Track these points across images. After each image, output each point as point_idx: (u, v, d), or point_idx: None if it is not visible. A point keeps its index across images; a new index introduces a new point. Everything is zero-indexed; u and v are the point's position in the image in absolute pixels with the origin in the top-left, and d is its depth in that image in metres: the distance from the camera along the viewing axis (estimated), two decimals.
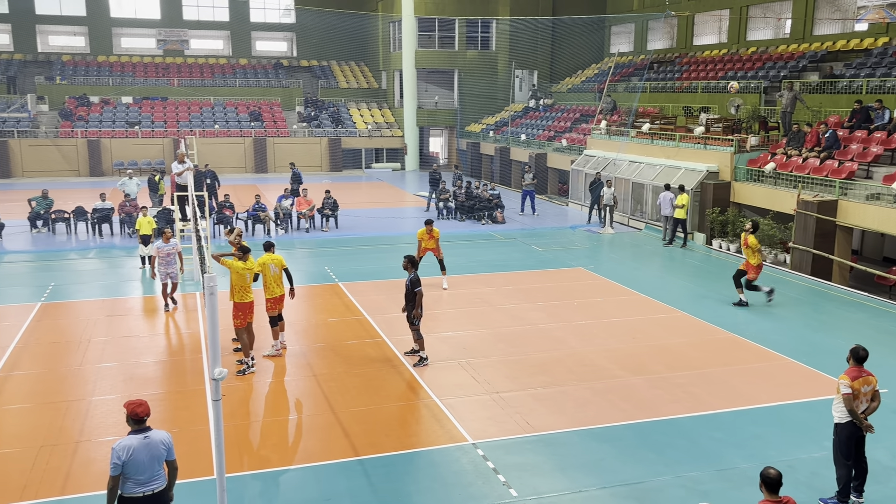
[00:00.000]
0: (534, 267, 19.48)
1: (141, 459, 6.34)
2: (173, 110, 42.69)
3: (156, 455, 6.45)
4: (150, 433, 6.48)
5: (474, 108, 44.85)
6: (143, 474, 6.37)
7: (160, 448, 6.48)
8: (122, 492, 6.38)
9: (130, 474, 6.34)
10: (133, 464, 6.31)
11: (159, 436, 6.53)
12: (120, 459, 6.27)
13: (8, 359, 12.33)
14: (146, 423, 6.51)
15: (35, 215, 23.28)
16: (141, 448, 6.36)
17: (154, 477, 6.46)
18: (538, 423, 10.07)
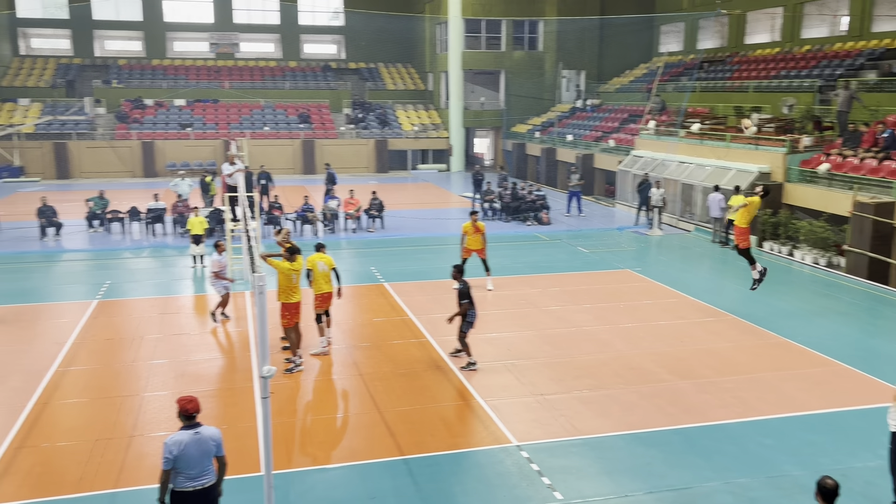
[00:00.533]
0: (579, 268, 19.33)
1: (191, 454, 6.48)
2: (224, 112, 43.49)
3: (206, 450, 6.57)
4: (200, 429, 6.62)
5: (520, 108, 44.70)
6: (194, 469, 6.50)
7: (210, 444, 6.61)
8: (174, 486, 6.52)
9: (181, 469, 6.47)
10: (184, 458, 6.45)
11: (209, 432, 6.67)
12: (171, 454, 6.42)
13: (66, 355, 12.71)
14: (196, 419, 6.65)
15: (92, 215, 23.95)
16: (192, 443, 6.50)
17: (204, 472, 6.58)
18: (583, 427, 10.00)
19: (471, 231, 16.70)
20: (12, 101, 41.70)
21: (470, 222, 16.74)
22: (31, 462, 8.99)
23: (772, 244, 21.38)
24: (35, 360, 12.38)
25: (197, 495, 6.55)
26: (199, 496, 6.56)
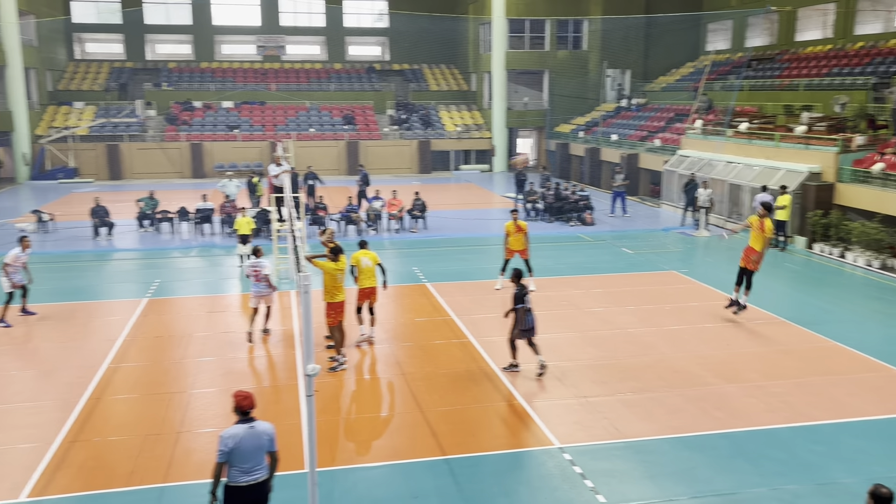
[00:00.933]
0: (624, 270, 19.15)
1: (246, 448, 6.57)
2: (271, 114, 44.12)
3: (260, 445, 6.67)
4: (255, 423, 6.70)
5: (564, 108, 44.45)
6: (247, 463, 6.60)
7: (264, 438, 6.70)
8: (227, 480, 6.61)
9: (235, 462, 6.57)
10: (239, 452, 6.55)
11: (263, 426, 6.76)
12: (227, 447, 6.52)
13: (117, 352, 13.04)
14: (251, 414, 6.73)
15: (142, 215, 24.52)
16: (247, 437, 6.59)
17: (257, 466, 6.67)
18: (627, 430, 9.91)
19: (513, 230, 16.66)
20: (68, 104, 42.93)
21: (511, 221, 16.71)
22: (84, 456, 9.25)
23: (822, 246, 20.89)
24: (88, 357, 12.72)
25: (249, 490, 6.64)
26: (251, 491, 6.65)
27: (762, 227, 14.24)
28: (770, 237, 14.18)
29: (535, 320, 11.74)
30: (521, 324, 11.62)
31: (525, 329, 11.66)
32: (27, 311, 15.06)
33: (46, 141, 38.99)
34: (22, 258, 14.78)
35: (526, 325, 11.64)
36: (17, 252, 14.73)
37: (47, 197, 32.70)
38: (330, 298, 12.13)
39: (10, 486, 8.49)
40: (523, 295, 11.62)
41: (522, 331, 11.67)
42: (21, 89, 38.27)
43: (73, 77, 46.07)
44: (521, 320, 11.61)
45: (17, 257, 14.68)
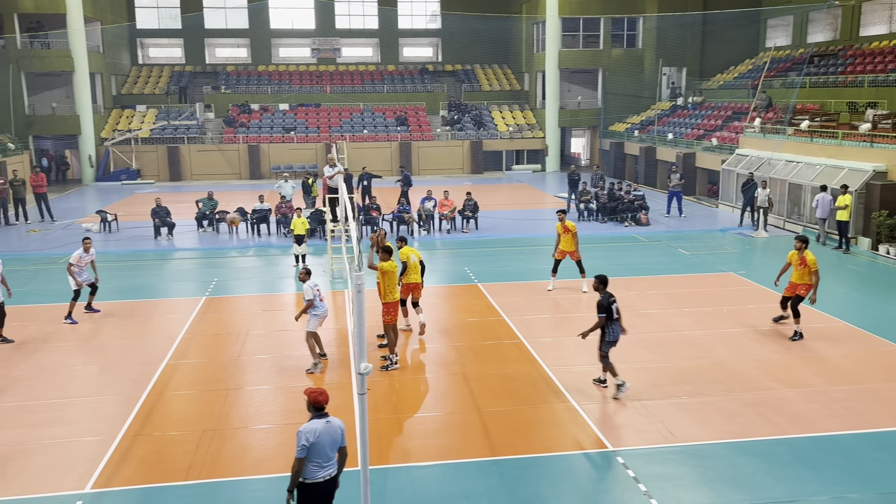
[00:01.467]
0: (680, 271, 18.84)
1: (324, 443, 6.68)
2: (326, 116, 44.70)
3: (335, 439, 6.79)
4: (330, 419, 6.82)
5: (618, 107, 43.94)
6: (323, 458, 6.70)
7: (338, 432, 6.82)
8: (304, 477, 6.68)
9: (313, 457, 6.66)
10: (317, 447, 6.65)
11: (337, 422, 6.88)
12: (308, 441, 6.61)
13: (177, 348, 13.39)
14: (325, 410, 6.83)
15: (201, 215, 25.10)
16: (324, 432, 6.70)
17: (331, 461, 6.78)
18: (682, 434, 9.75)
19: (561, 232, 16.58)
20: (131, 107, 44.22)
21: (559, 223, 16.64)
22: (146, 449, 9.52)
23: (888, 247, 20.20)
24: (149, 353, 13.09)
25: (326, 485, 6.73)
26: (327, 486, 6.75)
27: (803, 261, 13.41)
28: (815, 269, 13.30)
29: (619, 333, 11.00)
30: (608, 334, 10.89)
31: (612, 341, 10.94)
32: (91, 309, 15.58)
33: (110, 143, 40.23)
34: (85, 258, 15.26)
35: (612, 337, 10.93)
36: (80, 253, 15.24)
37: (111, 198, 33.74)
38: (389, 298, 12.26)
39: (77, 477, 8.80)
40: (610, 303, 10.90)
41: (610, 342, 10.93)
42: (87, 94, 39.56)
43: (136, 81, 47.45)
44: (608, 331, 10.89)
45: (81, 257, 15.18)
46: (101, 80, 42.49)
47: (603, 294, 10.94)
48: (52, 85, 41.43)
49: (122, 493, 8.48)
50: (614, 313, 10.90)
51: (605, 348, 10.97)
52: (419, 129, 43.71)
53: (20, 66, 38.92)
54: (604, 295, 10.92)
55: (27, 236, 24.61)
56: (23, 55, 39.01)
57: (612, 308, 10.88)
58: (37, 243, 23.33)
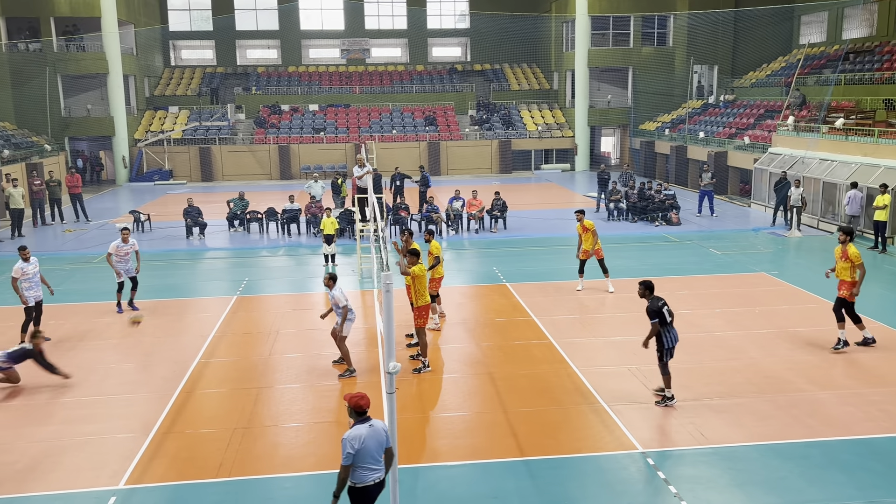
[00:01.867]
0: (711, 271, 18.63)
1: (370, 447, 6.63)
2: (355, 116, 44.92)
3: (380, 441, 6.73)
4: (373, 422, 6.75)
5: (649, 105, 43.57)
6: (371, 461, 6.65)
7: (383, 435, 6.77)
8: (353, 481, 6.65)
9: (360, 462, 6.61)
10: (364, 452, 6.60)
11: (380, 424, 6.81)
12: (353, 448, 6.55)
13: (208, 347, 13.54)
14: (367, 414, 6.76)
15: (233, 215, 25.36)
16: (369, 436, 6.64)
17: (379, 464, 6.74)
18: (713, 435, 9.64)
19: (581, 231, 16.45)
20: (163, 108, 44.84)
21: (578, 223, 16.53)
22: (178, 447, 9.65)
23: None
24: (181, 351, 13.26)
25: (374, 489, 6.69)
26: (376, 490, 6.71)
27: (845, 255, 12.58)
28: (859, 262, 12.48)
29: (675, 340, 10.44)
30: (665, 340, 10.34)
31: (669, 347, 10.38)
32: (133, 305, 15.87)
33: (143, 144, 40.83)
34: (123, 248, 15.53)
35: (669, 343, 10.37)
36: (118, 243, 15.53)
37: (144, 198, 34.24)
38: (422, 301, 12.16)
39: (111, 473, 8.94)
40: (660, 307, 10.31)
41: (668, 349, 10.38)
42: (121, 96, 40.20)
43: (169, 83, 48.09)
44: (665, 337, 10.34)
45: (119, 247, 15.47)
46: (134, 82, 43.14)
47: (651, 299, 10.39)
48: (87, 87, 42.19)
49: (154, 490, 8.60)
50: (667, 317, 10.32)
51: (665, 357, 10.43)
52: (448, 128, 43.73)
53: (56, 68, 39.66)
54: (652, 300, 10.37)
55: (63, 236, 25.07)
56: (59, 58, 39.76)
57: (664, 312, 10.29)
58: (72, 243, 23.76)
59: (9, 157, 32.19)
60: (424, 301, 12.22)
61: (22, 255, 13.66)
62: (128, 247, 15.60)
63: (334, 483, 6.75)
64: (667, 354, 10.41)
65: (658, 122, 42.22)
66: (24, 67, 39.14)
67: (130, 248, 15.69)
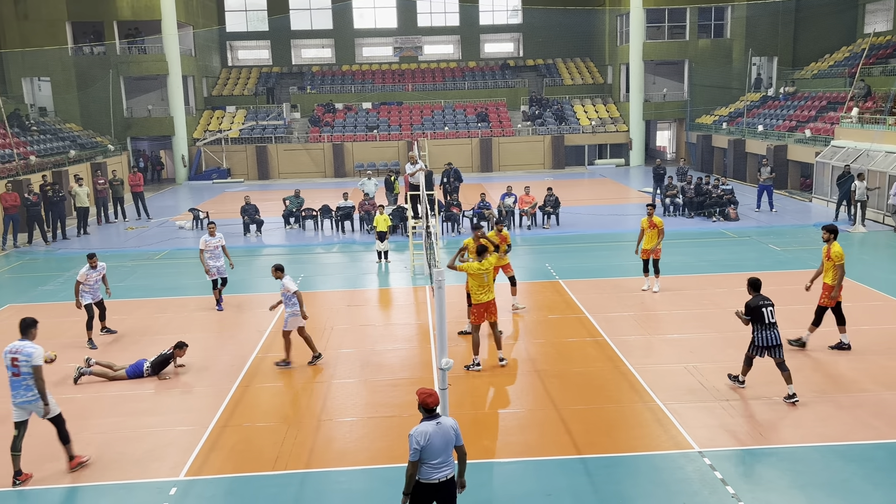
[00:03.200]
0: (770, 268, 18.18)
1: (436, 444, 6.61)
2: (407, 114, 45.15)
3: (448, 439, 6.69)
4: (441, 420, 6.72)
5: (706, 98, 42.73)
6: (437, 459, 6.65)
7: (451, 433, 6.71)
8: (420, 477, 6.68)
9: (426, 459, 6.63)
10: (430, 449, 6.61)
11: (449, 422, 6.77)
12: (419, 444, 6.58)
13: (265, 342, 13.79)
14: (436, 411, 6.76)
15: (289, 213, 25.76)
16: (435, 434, 6.62)
17: (447, 462, 6.71)
18: (773, 436, 9.42)
19: (646, 226, 15.92)
20: (221, 108, 45.79)
21: (646, 217, 16.03)
22: (235, 440, 9.85)
23: None
24: (239, 346, 13.54)
25: (441, 487, 6.69)
26: (443, 487, 6.70)
27: (828, 254, 12.26)
28: (840, 263, 12.05)
29: (768, 340, 10.31)
30: (756, 338, 10.36)
31: (759, 346, 10.34)
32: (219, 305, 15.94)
33: (202, 144, 41.77)
34: (212, 242, 15.69)
35: (760, 342, 10.31)
36: (206, 238, 15.80)
37: (203, 196, 35.02)
38: (477, 299, 11.98)
39: (171, 465, 9.19)
40: (759, 306, 10.23)
41: (757, 346, 10.39)
42: (180, 96, 41.19)
43: (226, 83, 49.08)
44: (757, 335, 10.36)
45: (207, 242, 15.70)
46: (193, 83, 44.14)
47: (753, 296, 10.38)
48: (147, 88, 43.35)
49: (213, 482, 8.80)
50: (766, 318, 10.20)
51: (752, 351, 10.52)
52: (500, 124, 43.62)
53: (119, 71, 40.85)
54: (754, 297, 10.37)
55: (125, 233, 25.83)
56: (121, 60, 40.95)
57: (764, 312, 10.20)
58: (134, 240, 24.46)
59: (75, 158, 33.32)
60: (477, 300, 11.95)
61: (90, 262, 13.85)
62: (215, 240, 15.66)
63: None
64: (754, 350, 10.53)
65: (715, 115, 41.37)
66: (88, 70, 40.44)
67: (218, 241, 15.72)
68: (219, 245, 15.78)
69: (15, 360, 8.62)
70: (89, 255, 14.10)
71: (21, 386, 8.67)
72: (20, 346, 8.70)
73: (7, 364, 8.70)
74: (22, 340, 8.78)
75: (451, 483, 6.76)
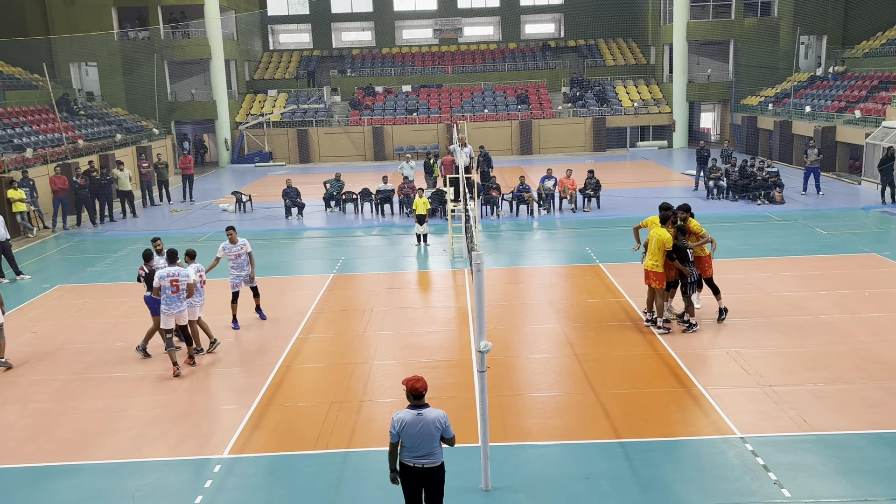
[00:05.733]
0: (817, 252, 17.80)
1: (412, 434, 6.63)
2: (447, 96, 45.03)
3: (427, 433, 6.65)
4: (424, 411, 6.69)
5: (751, 79, 41.78)
6: (413, 447, 6.69)
7: (432, 427, 6.67)
8: (401, 458, 6.80)
9: (405, 444, 6.72)
10: (406, 436, 6.66)
11: (433, 415, 6.71)
12: (395, 429, 6.67)
13: (306, 323, 13.97)
14: (424, 398, 6.77)
15: (329, 196, 25.97)
16: (412, 423, 6.63)
17: (428, 453, 6.71)
18: (817, 422, 9.27)
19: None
20: (263, 92, 46.20)
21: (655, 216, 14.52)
22: (277, 419, 10.03)
23: None
24: (281, 327, 13.74)
25: (425, 473, 6.75)
26: (427, 474, 6.76)
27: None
28: (703, 233, 12.61)
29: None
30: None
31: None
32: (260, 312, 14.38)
33: (244, 127, 42.24)
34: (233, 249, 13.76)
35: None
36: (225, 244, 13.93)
37: (245, 179, 35.46)
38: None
39: (216, 443, 9.40)
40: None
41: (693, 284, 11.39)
42: (223, 80, 41.66)
43: (268, 67, 49.48)
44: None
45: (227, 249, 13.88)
46: (235, 67, 44.60)
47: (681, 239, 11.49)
48: (191, 72, 43.91)
49: (256, 459, 8.98)
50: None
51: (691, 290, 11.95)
52: (540, 106, 43.27)
53: (163, 55, 41.43)
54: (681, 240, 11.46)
55: (170, 216, 26.31)
56: (165, 45, 41.52)
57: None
58: (179, 223, 24.90)
59: (121, 141, 33.97)
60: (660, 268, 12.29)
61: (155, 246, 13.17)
62: (237, 247, 13.66)
63: None
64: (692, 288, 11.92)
65: (761, 96, 40.46)
66: (133, 55, 41.11)
67: (241, 248, 13.69)
68: (242, 252, 13.73)
69: (175, 280, 11.43)
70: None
71: (177, 300, 11.48)
72: (177, 270, 11.51)
73: (166, 285, 11.39)
74: (171, 266, 11.56)
75: (437, 471, 6.80)
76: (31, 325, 14.41)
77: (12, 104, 32.00)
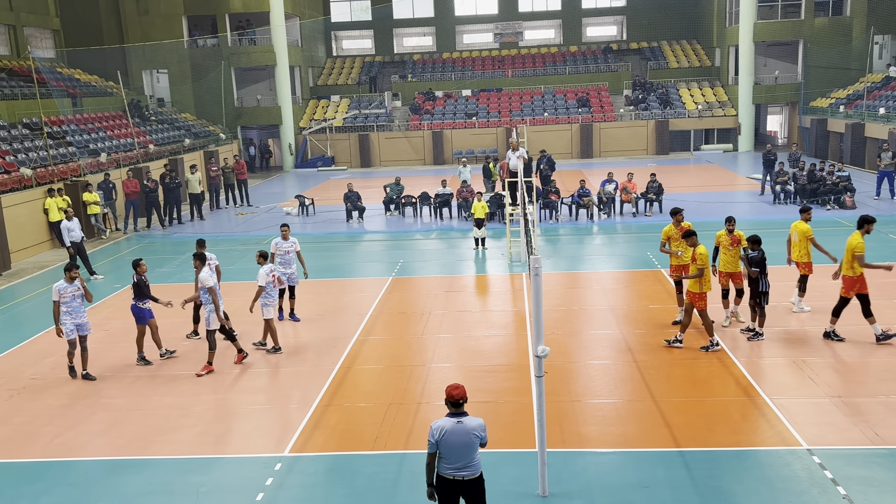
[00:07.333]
0: (890, 259, 17.09)
1: (453, 443, 6.43)
2: (507, 100, 44.95)
3: (467, 442, 6.46)
4: (464, 419, 6.50)
5: (821, 80, 40.51)
6: (453, 457, 6.48)
7: (471, 436, 6.47)
8: (439, 471, 6.61)
9: (444, 456, 6.53)
10: (445, 445, 6.46)
11: (473, 423, 6.53)
12: (434, 438, 6.47)
13: (365, 325, 14.13)
14: (463, 407, 6.56)
15: (389, 200, 26.21)
16: (453, 431, 6.43)
17: (468, 464, 6.51)
18: (890, 435, 8.92)
19: (674, 234, 14.02)
20: (326, 97, 46.95)
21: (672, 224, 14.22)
22: (337, 419, 10.17)
23: None
24: (341, 329, 13.93)
25: (465, 485, 6.55)
26: (467, 486, 6.55)
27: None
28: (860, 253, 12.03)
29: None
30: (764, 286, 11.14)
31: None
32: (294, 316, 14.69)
33: (308, 132, 42.99)
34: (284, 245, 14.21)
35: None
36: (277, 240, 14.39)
37: (308, 183, 36.07)
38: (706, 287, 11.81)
39: (277, 441, 9.59)
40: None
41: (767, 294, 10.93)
42: (287, 86, 42.50)
43: (331, 73, 50.27)
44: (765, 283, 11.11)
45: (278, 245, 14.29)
46: (299, 73, 45.43)
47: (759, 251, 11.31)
48: (257, 79, 44.93)
49: (315, 459, 9.13)
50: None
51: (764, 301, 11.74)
52: (601, 109, 42.82)
53: (230, 62, 42.50)
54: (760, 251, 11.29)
55: (236, 219, 26.95)
56: (232, 52, 42.59)
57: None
58: (244, 225, 25.48)
59: (189, 146, 34.97)
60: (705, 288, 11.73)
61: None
62: (288, 244, 14.18)
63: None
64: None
65: (832, 98, 39.19)
66: (202, 62, 42.28)
67: (291, 246, 14.22)
68: (291, 250, 14.20)
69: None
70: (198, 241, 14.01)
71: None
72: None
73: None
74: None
75: (477, 482, 6.59)
76: (104, 323, 14.97)
77: (89, 110, 33.28)
